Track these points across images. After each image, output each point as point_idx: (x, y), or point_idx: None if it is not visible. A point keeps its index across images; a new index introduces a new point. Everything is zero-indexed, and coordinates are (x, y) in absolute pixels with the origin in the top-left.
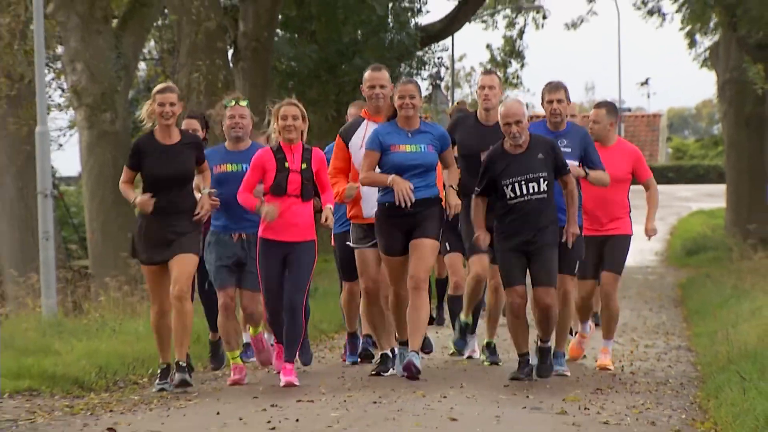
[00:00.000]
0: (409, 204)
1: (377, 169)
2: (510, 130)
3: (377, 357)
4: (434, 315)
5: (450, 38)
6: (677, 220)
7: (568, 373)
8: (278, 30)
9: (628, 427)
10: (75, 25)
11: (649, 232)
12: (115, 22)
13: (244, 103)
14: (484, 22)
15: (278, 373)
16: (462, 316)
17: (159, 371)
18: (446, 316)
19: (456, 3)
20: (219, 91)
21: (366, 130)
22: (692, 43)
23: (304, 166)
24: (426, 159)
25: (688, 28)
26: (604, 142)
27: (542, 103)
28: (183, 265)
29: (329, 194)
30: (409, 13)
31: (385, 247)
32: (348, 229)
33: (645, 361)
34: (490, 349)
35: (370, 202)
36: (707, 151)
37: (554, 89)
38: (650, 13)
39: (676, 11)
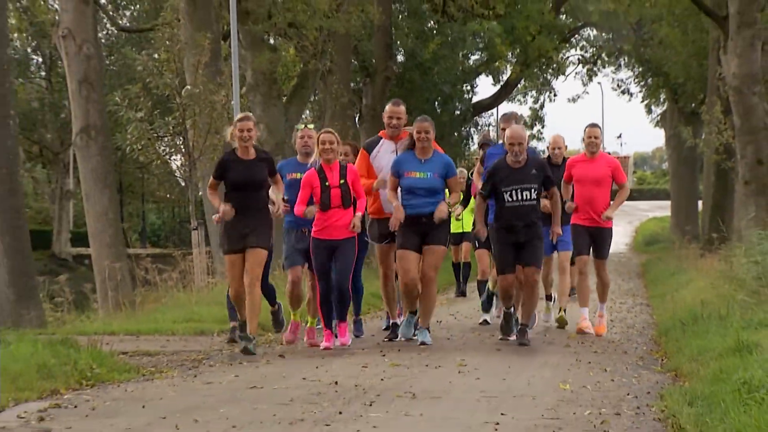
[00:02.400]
0: (397, 225)
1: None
2: (513, 149)
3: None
4: (464, 290)
5: (495, 109)
6: (639, 223)
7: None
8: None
9: (610, 354)
10: (259, 101)
11: (606, 217)
12: (284, 99)
13: (311, 126)
14: (518, 100)
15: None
16: (489, 286)
17: (233, 326)
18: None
19: (498, 87)
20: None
21: (382, 146)
22: (649, 111)
23: (342, 181)
24: (431, 183)
25: (646, 101)
26: (593, 155)
27: (498, 129)
28: (255, 258)
29: (361, 203)
30: (467, 94)
31: (402, 244)
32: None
33: (619, 312)
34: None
35: (386, 202)
36: (658, 179)
37: (507, 119)
38: (623, 92)
39: (639, 92)
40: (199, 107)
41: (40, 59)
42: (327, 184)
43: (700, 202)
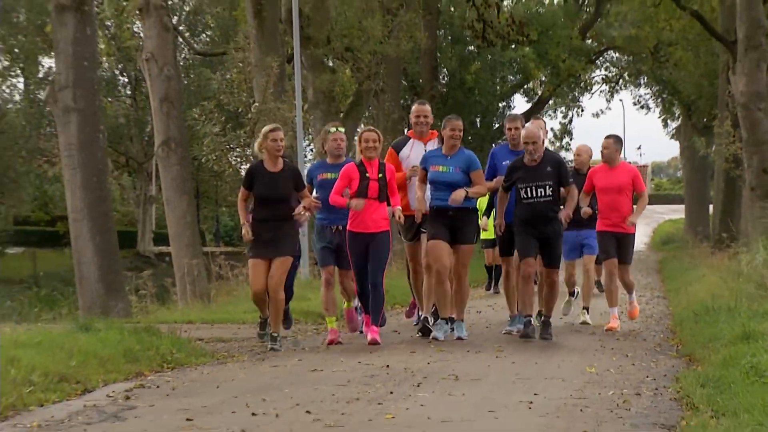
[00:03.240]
0: (420, 217)
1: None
2: (528, 148)
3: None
4: (498, 290)
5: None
6: (657, 224)
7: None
8: None
9: (631, 341)
10: (319, 116)
11: (629, 223)
12: (341, 115)
13: (342, 129)
14: (549, 115)
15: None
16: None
17: (259, 322)
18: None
19: (531, 104)
20: None
21: (412, 146)
22: (666, 125)
23: (380, 176)
24: (452, 178)
25: (663, 116)
26: (612, 164)
27: (504, 129)
28: (281, 265)
29: (397, 198)
30: (504, 110)
31: (432, 234)
32: None
33: (639, 304)
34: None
35: (414, 199)
36: (674, 186)
37: (512, 120)
38: (641, 107)
39: (656, 107)
40: (267, 122)
41: (126, 80)
42: (367, 175)
43: (710, 206)
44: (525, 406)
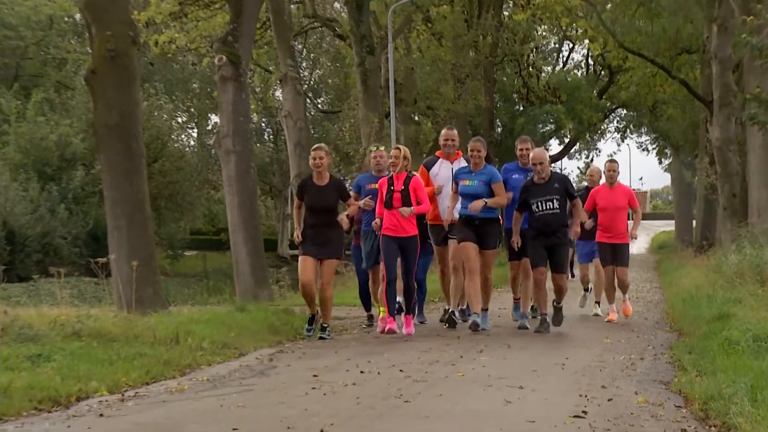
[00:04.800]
0: (447, 224)
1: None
2: (536, 168)
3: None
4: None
5: (560, 161)
6: (654, 234)
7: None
8: None
9: (636, 320)
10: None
11: (633, 236)
12: (424, 156)
13: (382, 148)
14: (576, 157)
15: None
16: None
17: (308, 319)
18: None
19: (562, 146)
20: None
21: (441, 165)
22: (660, 162)
23: (403, 188)
24: (477, 190)
25: (658, 156)
26: (612, 185)
27: (515, 150)
28: (329, 268)
29: (423, 207)
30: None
31: (462, 239)
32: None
33: (641, 293)
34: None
35: (444, 210)
36: (666, 206)
37: (523, 141)
38: (643, 150)
39: (654, 149)
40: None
41: (270, 130)
42: (392, 188)
43: (693, 221)
44: (559, 367)
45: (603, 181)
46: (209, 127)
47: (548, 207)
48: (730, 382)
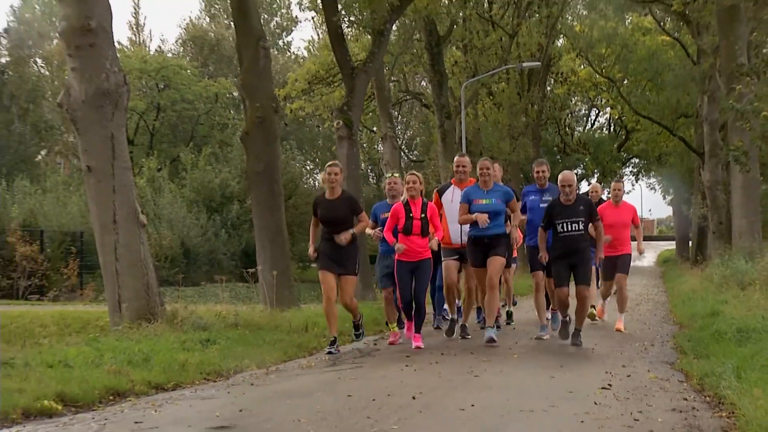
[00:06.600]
0: (487, 224)
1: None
2: (564, 190)
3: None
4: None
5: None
6: (660, 252)
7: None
8: None
9: (647, 316)
10: None
11: (640, 251)
12: None
13: (397, 174)
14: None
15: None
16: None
17: (330, 341)
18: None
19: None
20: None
21: (454, 191)
22: (664, 198)
23: (422, 215)
24: (494, 208)
25: (663, 193)
26: (617, 203)
27: (532, 173)
28: (347, 284)
29: (438, 232)
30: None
31: (473, 262)
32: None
33: (651, 296)
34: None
35: (454, 234)
36: (669, 230)
37: (539, 164)
38: (652, 189)
39: (660, 188)
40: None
41: (374, 175)
42: (411, 215)
43: (690, 242)
44: (590, 351)
45: (605, 196)
46: None
47: (573, 228)
48: (720, 364)
